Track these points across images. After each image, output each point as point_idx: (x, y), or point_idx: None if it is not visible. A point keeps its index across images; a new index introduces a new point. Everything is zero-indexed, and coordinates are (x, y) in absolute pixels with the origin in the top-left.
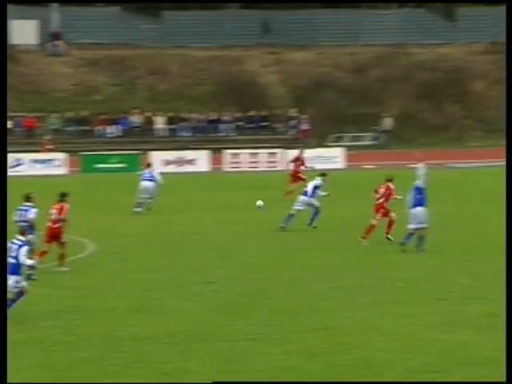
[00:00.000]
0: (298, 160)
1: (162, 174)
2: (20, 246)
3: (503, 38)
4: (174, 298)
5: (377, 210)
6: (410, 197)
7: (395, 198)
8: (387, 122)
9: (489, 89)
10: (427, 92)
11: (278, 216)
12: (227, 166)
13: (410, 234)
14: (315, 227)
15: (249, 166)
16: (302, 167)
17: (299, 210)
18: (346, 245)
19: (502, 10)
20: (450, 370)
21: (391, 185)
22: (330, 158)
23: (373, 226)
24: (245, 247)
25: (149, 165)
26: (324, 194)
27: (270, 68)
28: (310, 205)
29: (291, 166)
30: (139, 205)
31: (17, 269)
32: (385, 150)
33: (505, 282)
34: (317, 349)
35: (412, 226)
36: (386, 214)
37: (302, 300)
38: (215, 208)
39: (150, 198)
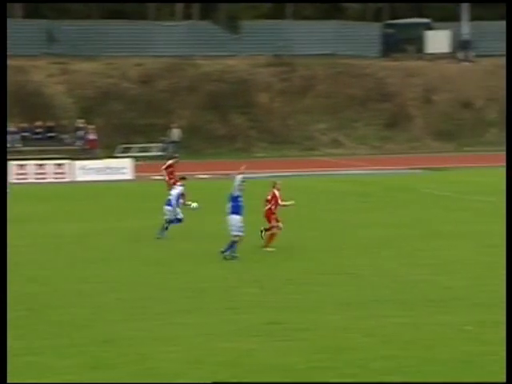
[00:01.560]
0: (171, 167)
1: None
2: None
3: (285, 51)
4: None
5: (268, 217)
6: (227, 205)
7: (283, 205)
8: (175, 133)
9: (272, 100)
10: (214, 103)
11: (63, 228)
12: (13, 178)
13: (233, 243)
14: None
15: (35, 177)
16: (171, 176)
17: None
18: (133, 256)
19: (283, 23)
20: (239, 378)
21: (276, 191)
22: (118, 168)
23: (274, 234)
24: (32, 260)
25: None
26: (193, 205)
27: (56, 78)
28: (175, 215)
29: (165, 173)
30: None
31: None
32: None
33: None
34: (103, 361)
35: (234, 233)
36: (277, 220)
37: (88, 312)
38: None
39: None
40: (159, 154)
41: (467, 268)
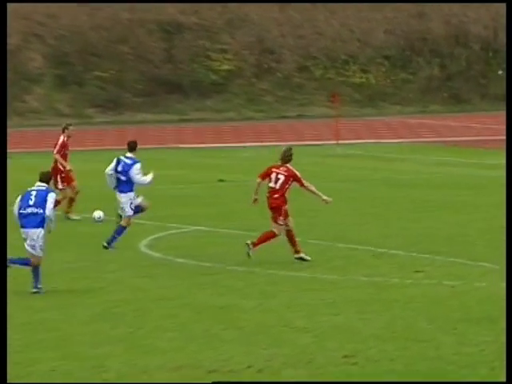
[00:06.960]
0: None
1: None
2: None
3: None
4: None
5: (279, 210)
6: None
7: (309, 189)
8: None
9: None
10: None
11: None
12: None
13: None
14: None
15: None
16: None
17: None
18: None
19: None
20: None
21: (290, 166)
22: None
23: (274, 235)
24: None
25: None
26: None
27: None
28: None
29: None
30: None
31: None
32: None
33: None
34: None
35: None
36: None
37: None
38: None
39: None
40: None
41: None
